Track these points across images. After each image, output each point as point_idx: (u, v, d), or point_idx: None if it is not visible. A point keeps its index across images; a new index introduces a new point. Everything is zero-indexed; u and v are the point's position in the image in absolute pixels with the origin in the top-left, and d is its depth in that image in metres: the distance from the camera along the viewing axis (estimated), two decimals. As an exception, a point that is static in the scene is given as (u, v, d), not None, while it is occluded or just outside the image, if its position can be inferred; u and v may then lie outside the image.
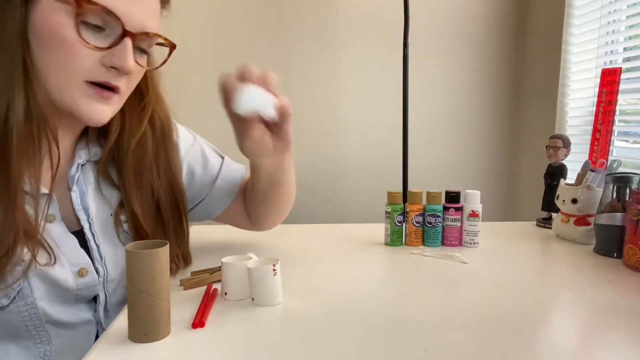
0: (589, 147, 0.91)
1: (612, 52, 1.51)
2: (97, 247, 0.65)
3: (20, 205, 0.55)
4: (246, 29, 1.82)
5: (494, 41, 1.93)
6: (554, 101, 1.67)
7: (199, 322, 0.53)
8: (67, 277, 0.61)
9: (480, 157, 2.00)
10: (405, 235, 0.89)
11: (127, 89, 0.62)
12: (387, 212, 0.88)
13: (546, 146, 1.01)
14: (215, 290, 0.64)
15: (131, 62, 0.58)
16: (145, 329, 0.49)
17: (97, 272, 0.64)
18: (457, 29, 1.91)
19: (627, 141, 1.51)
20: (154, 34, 0.61)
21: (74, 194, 0.64)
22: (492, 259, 0.80)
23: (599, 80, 0.90)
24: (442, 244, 0.88)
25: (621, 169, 0.86)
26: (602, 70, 0.90)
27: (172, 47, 0.64)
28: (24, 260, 0.56)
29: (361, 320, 0.55)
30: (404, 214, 0.88)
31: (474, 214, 0.86)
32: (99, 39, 0.57)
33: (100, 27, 0.56)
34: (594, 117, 0.91)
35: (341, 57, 1.88)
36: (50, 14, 0.54)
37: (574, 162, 1.24)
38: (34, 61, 0.56)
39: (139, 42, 0.60)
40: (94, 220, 0.65)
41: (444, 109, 1.95)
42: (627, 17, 1.44)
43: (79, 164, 0.65)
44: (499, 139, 1.99)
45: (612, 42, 1.49)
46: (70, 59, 0.55)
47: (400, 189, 1.42)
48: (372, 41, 1.88)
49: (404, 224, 0.88)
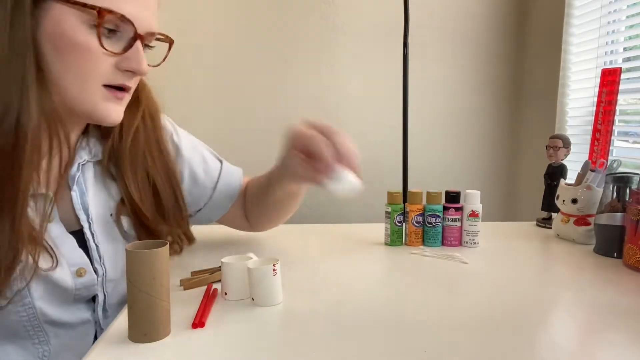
0: (589, 147, 0.91)
1: (612, 52, 1.51)
2: (97, 246, 0.65)
3: (26, 211, 0.55)
4: (246, 28, 1.82)
5: (494, 41, 1.93)
6: (554, 101, 1.67)
7: (199, 322, 0.53)
8: (65, 278, 0.61)
9: (480, 157, 2.00)
10: (405, 235, 0.89)
11: (134, 87, 0.64)
12: (387, 212, 0.88)
13: (546, 146, 1.01)
14: (215, 290, 0.64)
15: (146, 65, 0.60)
16: (145, 329, 0.49)
17: (96, 272, 0.64)
18: (457, 29, 1.91)
19: (627, 141, 1.51)
20: (159, 33, 0.63)
21: (74, 194, 0.64)
22: (492, 259, 0.80)
23: (599, 80, 0.90)
24: (442, 244, 0.88)
25: (621, 169, 0.86)
26: (602, 70, 0.90)
27: (171, 42, 0.66)
28: (28, 265, 0.56)
29: (361, 320, 0.55)
30: (404, 214, 0.88)
31: (474, 214, 0.86)
32: (112, 43, 0.58)
33: (113, 30, 0.57)
34: (594, 117, 0.90)
35: (341, 57, 1.88)
36: (63, 21, 0.54)
37: (574, 162, 1.24)
38: (48, 67, 0.56)
39: (146, 42, 0.62)
40: (93, 219, 0.65)
41: (444, 109, 1.95)
42: (627, 17, 1.44)
43: (79, 164, 0.65)
44: (499, 139, 1.99)
45: (612, 42, 1.49)
46: (89, 66, 0.57)
47: (400, 189, 1.42)
48: (372, 41, 1.88)
49: (404, 224, 0.88)
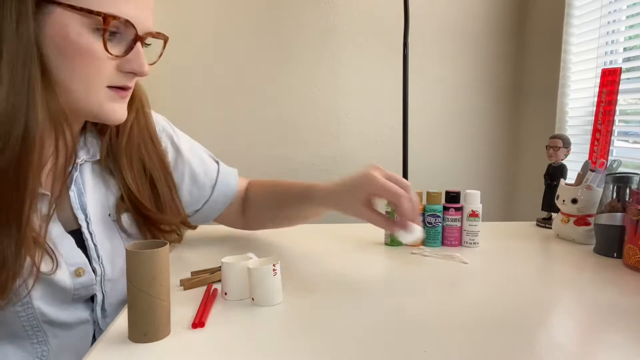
0: (589, 147, 0.91)
1: (612, 52, 1.51)
2: (95, 246, 0.65)
3: (32, 216, 0.56)
4: (246, 29, 1.82)
5: (494, 41, 1.93)
6: (554, 101, 1.67)
7: (199, 322, 0.53)
8: (64, 278, 0.61)
9: (480, 157, 2.00)
10: (405, 235, 0.89)
11: (134, 86, 0.65)
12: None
13: (546, 146, 1.01)
14: (215, 290, 0.64)
15: (147, 66, 0.61)
16: (145, 329, 0.49)
17: (95, 271, 0.64)
18: (457, 29, 1.91)
19: (627, 141, 1.51)
20: (155, 32, 0.63)
21: (72, 193, 0.64)
22: (492, 259, 0.80)
23: (599, 80, 0.90)
24: (442, 244, 0.88)
25: (621, 169, 0.86)
26: (602, 70, 0.90)
27: (166, 39, 0.67)
28: (32, 270, 0.56)
29: (361, 320, 0.55)
30: (404, 214, 0.88)
31: (474, 214, 0.86)
32: (113, 45, 0.58)
33: (113, 32, 0.58)
34: (594, 117, 0.90)
35: (341, 57, 1.88)
36: (66, 25, 0.55)
37: (574, 162, 1.24)
38: (52, 70, 0.56)
39: (144, 41, 0.63)
40: (91, 219, 0.65)
41: (444, 109, 1.95)
42: (627, 17, 1.44)
43: (78, 164, 0.65)
44: (499, 139, 1.99)
45: (612, 42, 1.49)
46: (93, 69, 0.57)
47: (400, 189, 1.42)
48: (372, 41, 1.88)
49: (404, 224, 0.88)
